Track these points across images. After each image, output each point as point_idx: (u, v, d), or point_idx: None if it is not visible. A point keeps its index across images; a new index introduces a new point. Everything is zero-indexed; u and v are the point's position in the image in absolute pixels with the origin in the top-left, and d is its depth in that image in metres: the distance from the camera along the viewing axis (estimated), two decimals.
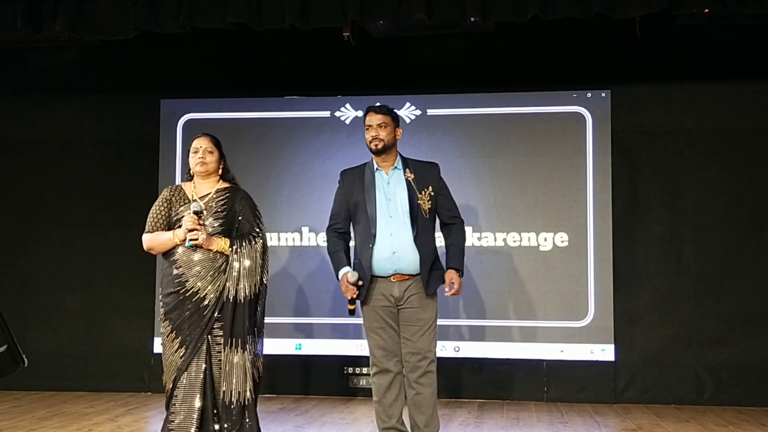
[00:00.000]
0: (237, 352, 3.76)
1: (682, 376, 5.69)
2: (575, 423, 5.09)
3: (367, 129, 3.95)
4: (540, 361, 5.77)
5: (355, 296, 3.88)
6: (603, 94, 5.83)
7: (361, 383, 5.87)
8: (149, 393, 6.04)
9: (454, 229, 4.04)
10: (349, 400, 5.80)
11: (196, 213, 3.75)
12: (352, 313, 3.92)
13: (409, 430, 3.96)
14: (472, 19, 4.91)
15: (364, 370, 5.83)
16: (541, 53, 5.95)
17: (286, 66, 6.18)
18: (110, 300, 6.20)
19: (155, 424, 4.27)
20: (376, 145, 3.91)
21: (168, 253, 3.85)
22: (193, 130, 6.11)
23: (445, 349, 5.68)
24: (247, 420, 3.77)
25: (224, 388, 3.75)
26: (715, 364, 5.66)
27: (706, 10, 4.98)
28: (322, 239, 5.93)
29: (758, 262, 5.67)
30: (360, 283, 3.88)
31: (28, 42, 5.82)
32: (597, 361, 5.70)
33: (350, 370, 5.91)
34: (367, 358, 5.81)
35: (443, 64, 6.06)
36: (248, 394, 3.77)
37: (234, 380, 3.75)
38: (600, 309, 5.70)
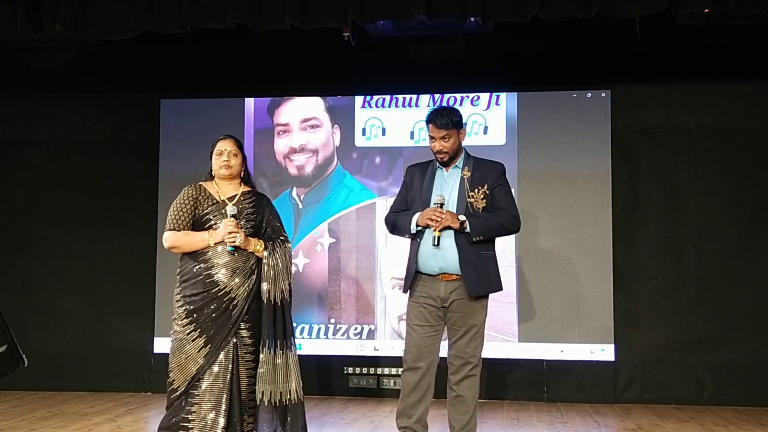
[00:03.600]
0: (279, 354, 3.79)
1: (682, 376, 5.69)
2: (575, 423, 5.09)
3: (431, 139, 3.91)
4: (540, 361, 5.77)
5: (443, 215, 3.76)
6: (603, 94, 5.83)
7: (361, 383, 5.87)
8: (149, 393, 6.05)
9: (500, 212, 3.88)
10: (349, 400, 5.80)
11: (233, 216, 3.79)
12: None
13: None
14: (472, 19, 4.91)
15: (364, 370, 5.83)
16: (541, 53, 5.95)
17: (286, 66, 6.18)
18: (110, 300, 6.20)
19: (155, 424, 4.25)
20: (442, 158, 3.90)
21: (196, 253, 3.83)
22: (193, 130, 6.13)
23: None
24: (296, 419, 3.80)
25: (268, 390, 3.76)
26: (715, 364, 5.66)
27: (706, 10, 4.98)
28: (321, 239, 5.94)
29: (758, 262, 5.67)
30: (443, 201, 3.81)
31: (28, 42, 5.83)
32: (597, 361, 5.70)
33: (350, 370, 5.91)
34: (367, 358, 5.88)
35: (443, 64, 6.05)
36: (294, 394, 3.82)
37: (279, 382, 3.78)
38: (600, 309, 5.70)
